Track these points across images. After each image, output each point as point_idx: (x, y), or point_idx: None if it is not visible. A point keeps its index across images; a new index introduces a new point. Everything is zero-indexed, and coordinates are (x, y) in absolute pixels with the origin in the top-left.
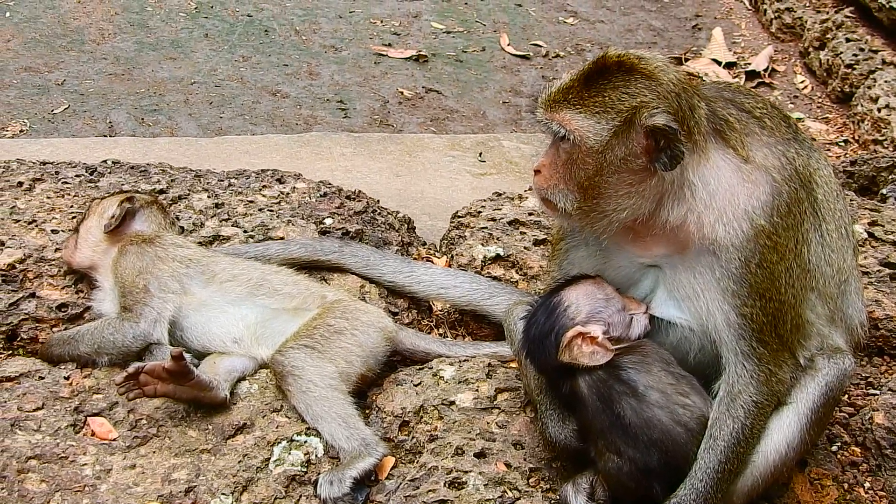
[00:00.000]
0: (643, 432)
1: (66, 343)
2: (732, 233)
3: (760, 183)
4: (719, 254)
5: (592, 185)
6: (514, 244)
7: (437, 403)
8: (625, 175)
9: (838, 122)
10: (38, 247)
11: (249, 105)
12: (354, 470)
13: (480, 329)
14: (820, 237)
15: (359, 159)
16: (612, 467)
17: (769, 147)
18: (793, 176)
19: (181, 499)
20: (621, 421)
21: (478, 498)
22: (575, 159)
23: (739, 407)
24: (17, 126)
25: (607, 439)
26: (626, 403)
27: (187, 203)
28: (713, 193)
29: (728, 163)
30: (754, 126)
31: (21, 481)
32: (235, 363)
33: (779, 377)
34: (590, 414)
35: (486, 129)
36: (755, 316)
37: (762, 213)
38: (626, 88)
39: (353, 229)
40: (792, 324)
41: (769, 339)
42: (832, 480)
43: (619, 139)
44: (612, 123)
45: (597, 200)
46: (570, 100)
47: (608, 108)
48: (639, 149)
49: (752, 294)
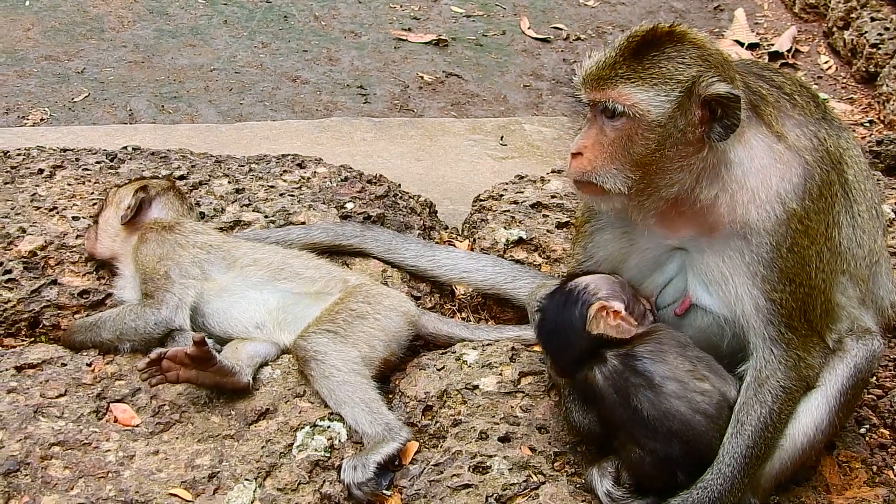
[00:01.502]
0: (662, 424)
1: (88, 330)
2: (765, 215)
3: (793, 165)
4: (750, 237)
5: (650, 161)
6: (536, 227)
7: (461, 388)
8: (680, 148)
9: (863, 102)
10: (60, 233)
11: (269, 91)
12: (378, 455)
13: (503, 313)
14: (851, 219)
15: (379, 144)
16: (634, 458)
17: (801, 127)
18: (824, 157)
19: (204, 484)
20: (639, 414)
21: (502, 482)
22: (631, 136)
23: (767, 392)
24: (37, 114)
25: (627, 432)
26: (643, 396)
27: (208, 189)
28: (747, 172)
29: (762, 141)
30: (786, 102)
31: (44, 468)
32: (258, 348)
33: (808, 362)
34: (608, 408)
35: (506, 113)
36: (785, 301)
37: (794, 197)
38: (681, 59)
39: (375, 213)
40: (822, 308)
41: (798, 325)
42: (861, 463)
43: (680, 111)
44: (673, 94)
45: (651, 177)
46: (623, 74)
47: (668, 79)
48: (695, 119)
49: (783, 279)
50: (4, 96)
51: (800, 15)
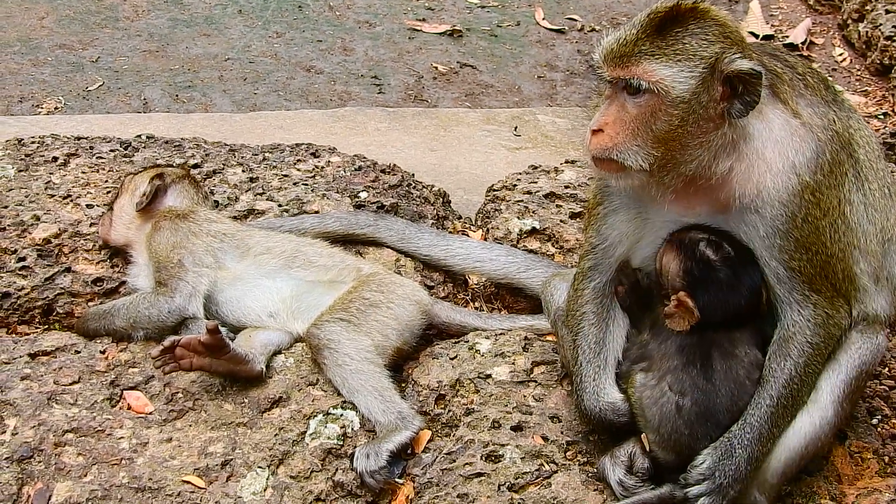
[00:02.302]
0: (720, 379)
1: (101, 317)
2: (780, 185)
3: (807, 140)
4: (763, 211)
5: (672, 137)
6: (550, 217)
7: (474, 377)
8: (702, 124)
9: (877, 94)
10: (73, 221)
11: (283, 81)
12: (391, 443)
13: (516, 302)
14: (863, 196)
15: (393, 134)
16: (669, 409)
17: (812, 107)
18: (834, 138)
19: (217, 472)
20: (706, 363)
21: (514, 471)
22: (655, 112)
23: (793, 346)
24: (52, 103)
25: (676, 377)
26: (718, 352)
27: (222, 177)
28: (766, 144)
29: (779, 115)
30: (799, 83)
31: (58, 454)
32: (271, 337)
33: (835, 320)
34: (675, 349)
35: (520, 104)
36: (803, 268)
37: (807, 170)
38: (704, 35)
39: (389, 203)
40: (843, 273)
41: (821, 287)
42: (872, 454)
43: (703, 87)
44: (697, 71)
45: (672, 153)
46: (646, 50)
47: (692, 55)
48: (717, 95)
49: (799, 247)
50: (19, 85)
51: (814, 7)
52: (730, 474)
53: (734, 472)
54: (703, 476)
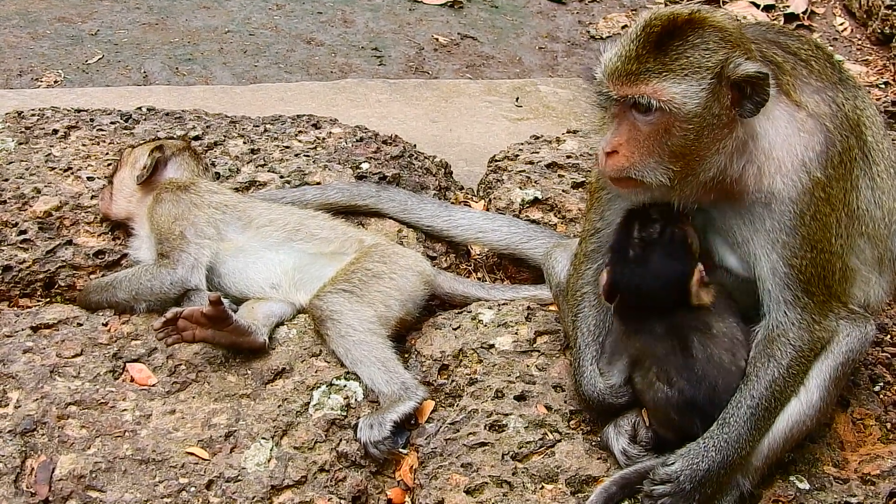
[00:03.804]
0: (702, 366)
1: (103, 290)
2: (791, 184)
3: (815, 133)
4: (773, 206)
5: (689, 151)
6: (552, 187)
7: (477, 347)
8: (717, 132)
9: (878, 63)
10: (74, 194)
11: (284, 53)
12: (394, 413)
13: (519, 273)
14: (870, 181)
15: (395, 106)
16: (659, 397)
17: (819, 93)
18: (843, 123)
19: (221, 443)
20: (685, 351)
21: (518, 440)
22: (668, 129)
23: (777, 348)
24: (51, 76)
25: (661, 367)
26: (697, 338)
27: (223, 149)
28: (773, 143)
29: (783, 111)
30: (802, 69)
31: (61, 427)
32: (273, 308)
33: (823, 325)
34: (653, 340)
35: (521, 76)
36: (804, 267)
37: (818, 166)
38: (705, 45)
39: (390, 174)
40: (840, 274)
41: (816, 290)
42: (875, 420)
43: (713, 97)
44: (705, 83)
45: (692, 166)
46: (651, 69)
47: (697, 68)
48: (727, 101)
49: (804, 245)
50: (18, 58)
51: None
52: (696, 479)
53: (703, 476)
54: (668, 477)
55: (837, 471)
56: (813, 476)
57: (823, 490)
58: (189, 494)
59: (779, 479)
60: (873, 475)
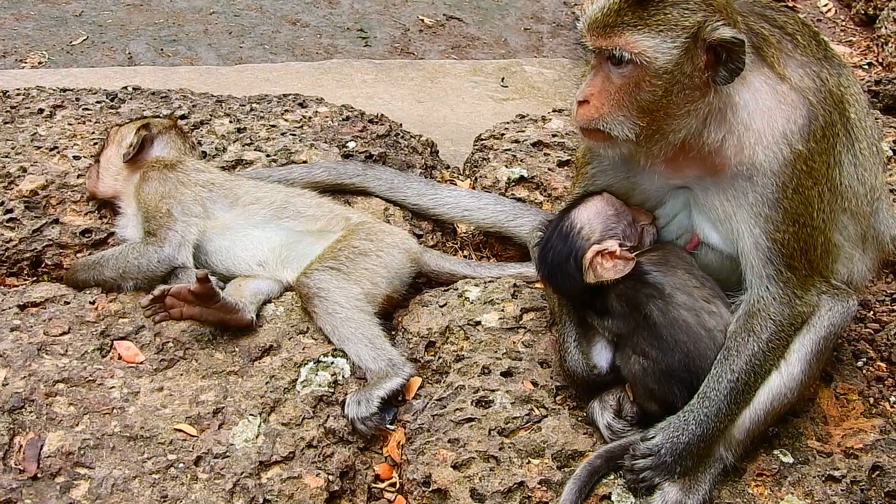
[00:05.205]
0: (668, 332)
1: (90, 268)
2: (772, 156)
3: (797, 106)
4: (755, 179)
5: (657, 108)
6: (537, 165)
7: (463, 324)
8: (687, 93)
9: (862, 44)
10: (61, 173)
11: (269, 34)
12: (381, 390)
13: (505, 250)
14: (853, 157)
15: (380, 86)
16: (637, 370)
17: (803, 67)
18: (827, 98)
19: (209, 420)
20: (648, 321)
21: (505, 416)
22: (638, 83)
23: (757, 323)
24: (35, 58)
25: (633, 342)
26: (654, 305)
27: (209, 128)
28: (753, 114)
29: (765, 83)
30: (788, 43)
31: (49, 404)
32: (261, 286)
33: (805, 300)
34: (619, 319)
35: (507, 56)
36: (787, 241)
37: (800, 138)
38: (686, 5)
39: (377, 153)
40: (822, 248)
41: (798, 265)
42: (858, 395)
43: (686, 56)
44: (679, 41)
45: (659, 123)
46: (628, 21)
47: (673, 25)
48: (701, 64)
49: (787, 219)
50: (1, 39)
51: None
52: (677, 452)
53: (683, 449)
54: (649, 451)
55: (821, 445)
56: (796, 450)
57: (807, 463)
58: (177, 470)
59: (762, 452)
60: (856, 449)
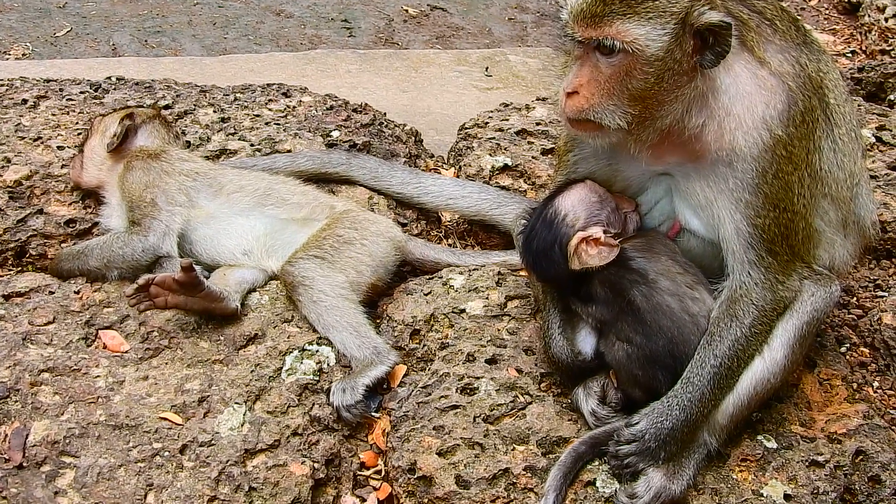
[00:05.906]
0: (652, 317)
1: (75, 258)
2: (752, 141)
3: (777, 91)
4: (735, 164)
5: (648, 95)
6: (521, 154)
7: (448, 312)
8: (676, 79)
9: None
10: (45, 163)
11: (253, 25)
12: (367, 378)
13: (489, 239)
14: (832, 143)
15: (364, 76)
16: (621, 356)
17: (783, 52)
18: (806, 83)
19: (194, 408)
20: (632, 307)
21: (490, 403)
22: (629, 71)
23: (740, 308)
24: (19, 49)
25: (618, 328)
26: (637, 290)
27: (193, 118)
28: (733, 99)
29: (745, 67)
30: (767, 28)
31: (34, 394)
32: (245, 275)
33: (786, 285)
34: (603, 305)
35: (491, 46)
36: (768, 227)
37: (779, 124)
38: None
39: (361, 142)
40: (803, 234)
41: (780, 250)
42: (841, 381)
43: (676, 42)
44: (668, 27)
45: (650, 111)
46: (617, 10)
47: (662, 11)
48: (689, 48)
49: (767, 205)
50: None
51: None
52: (661, 438)
53: (667, 435)
54: (633, 437)
55: (804, 430)
56: (780, 435)
57: (790, 449)
58: (163, 459)
59: (746, 438)
60: (839, 434)
